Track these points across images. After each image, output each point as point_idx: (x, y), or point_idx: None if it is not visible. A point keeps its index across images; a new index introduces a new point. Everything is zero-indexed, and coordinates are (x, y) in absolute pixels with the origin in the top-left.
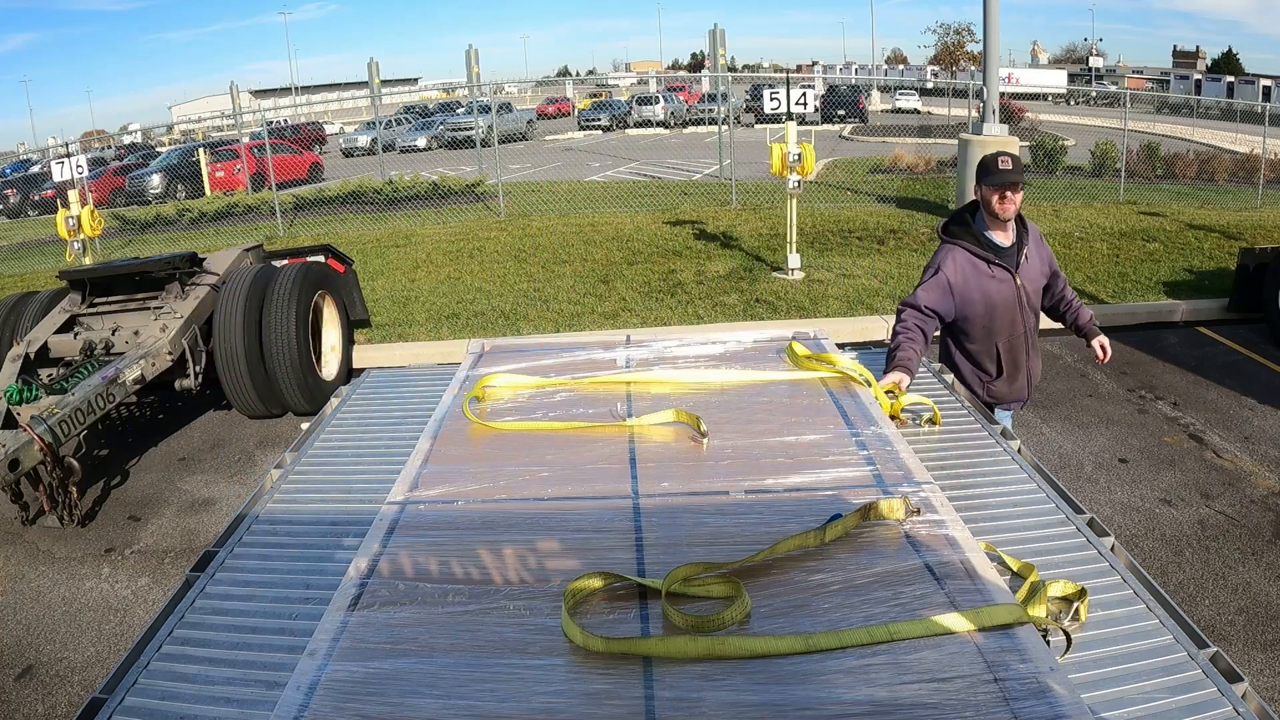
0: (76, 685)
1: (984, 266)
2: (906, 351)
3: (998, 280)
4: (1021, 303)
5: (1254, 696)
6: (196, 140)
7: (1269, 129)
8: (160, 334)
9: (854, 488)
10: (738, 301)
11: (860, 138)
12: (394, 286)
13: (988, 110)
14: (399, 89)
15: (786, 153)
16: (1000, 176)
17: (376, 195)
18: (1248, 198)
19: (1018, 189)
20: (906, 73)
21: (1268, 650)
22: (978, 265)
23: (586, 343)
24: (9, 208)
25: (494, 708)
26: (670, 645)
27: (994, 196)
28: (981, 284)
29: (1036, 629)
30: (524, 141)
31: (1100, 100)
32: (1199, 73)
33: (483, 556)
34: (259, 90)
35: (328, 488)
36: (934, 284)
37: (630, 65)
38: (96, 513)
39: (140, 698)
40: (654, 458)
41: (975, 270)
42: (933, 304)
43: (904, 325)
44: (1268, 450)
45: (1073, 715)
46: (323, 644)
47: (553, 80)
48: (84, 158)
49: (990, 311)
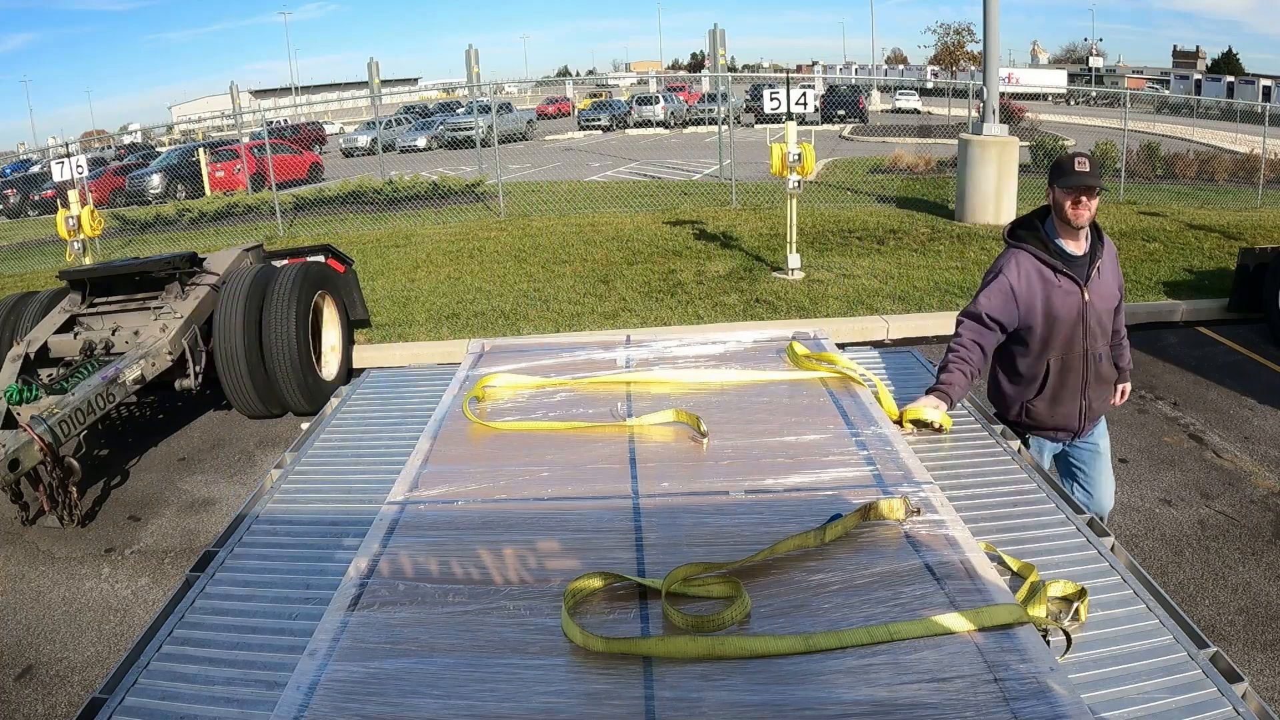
0: (76, 685)
1: (1050, 275)
2: (953, 374)
3: (1064, 291)
4: (1086, 319)
5: (1254, 696)
6: (196, 140)
7: (1269, 129)
8: (160, 334)
9: (854, 488)
10: (738, 301)
11: (860, 138)
12: (394, 286)
13: (988, 110)
14: (399, 89)
15: (786, 153)
16: (1076, 179)
17: (376, 195)
18: (1248, 198)
19: (1094, 193)
20: (906, 73)
21: (1268, 650)
22: (1044, 272)
23: (586, 343)
24: (9, 208)
25: (494, 708)
26: (670, 645)
27: (1067, 200)
28: (1047, 293)
29: (1036, 629)
30: (524, 141)
31: (1100, 100)
32: (1199, 73)
33: (483, 556)
34: (259, 90)
35: (328, 488)
36: (996, 289)
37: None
38: (96, 513)
39: (140, 698)
40: (654, 458)
41: (1041, 278)
42: (995, 311)
43: (958, 341)
44: (1268, 450)
45: (1073, 715)
46: (323, 644)
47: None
48: (84, 158)
49: (1050, 324)
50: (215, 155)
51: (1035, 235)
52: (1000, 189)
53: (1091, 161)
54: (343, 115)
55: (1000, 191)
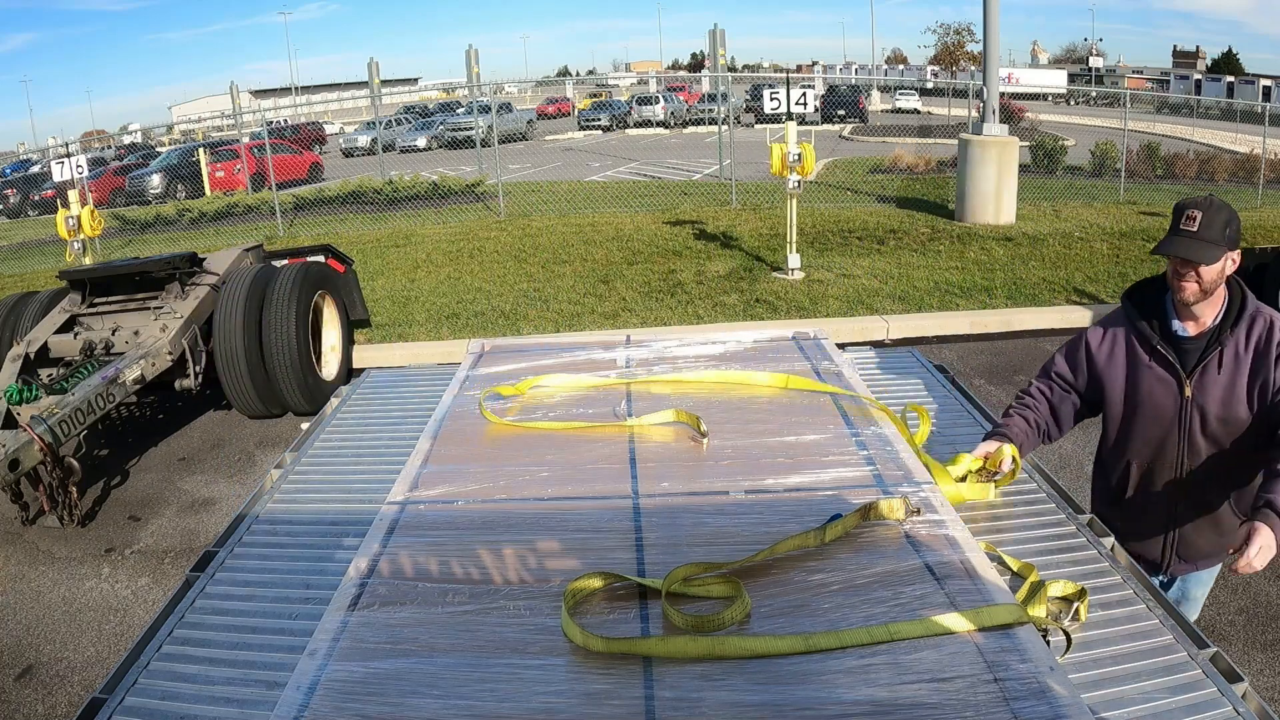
0: (76, 685)
1: (1142, 353)
2: (1012, 418)
3: (1155, 376)
4: (1184, 422)
5: (1254, 696)
6: (196, 140)
7: (1269, 129)
8: (160, 334)
9: (854, 488)
10: (738, 301)
11: (860, 138)
12: (394, 286)
13: (988, 110)
14: (399, 89)
15: (786, 153)
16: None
17: (376, 195)
18: (1248, 198)
19: (1196, 266)
20: (906, 73)
21: (1268, 650)
22: (1135, 347)
23: (586, 343)
24: (9, 208)
25: (494, 708)
26: (670, 645)
27: (1169, 268)
28: (1133, 371)
29: (1036, 629)
30: (524, 141)
31: (1100, 100)
32: (1199, 73)
33: (483, 556)
34: (259, 90)
35: (328, 488)
36: (1072, 344)
37: (630, 65)
38: (96, 513)
39: (140, 698)
40: (654, 458)
41: (1130, 352)
42: (1061, 367)
43: (1024, 390)
44: None
45: (1073, 715)
46: (323, 644)
47: (553, 80)
48: (84, 158)
49: (1133, 412)
50: (215, 155)
51: (1146, 299)
52: (1000, 189)
53: (1206, 216)
54: (343, 115)
55: (1000, 191)
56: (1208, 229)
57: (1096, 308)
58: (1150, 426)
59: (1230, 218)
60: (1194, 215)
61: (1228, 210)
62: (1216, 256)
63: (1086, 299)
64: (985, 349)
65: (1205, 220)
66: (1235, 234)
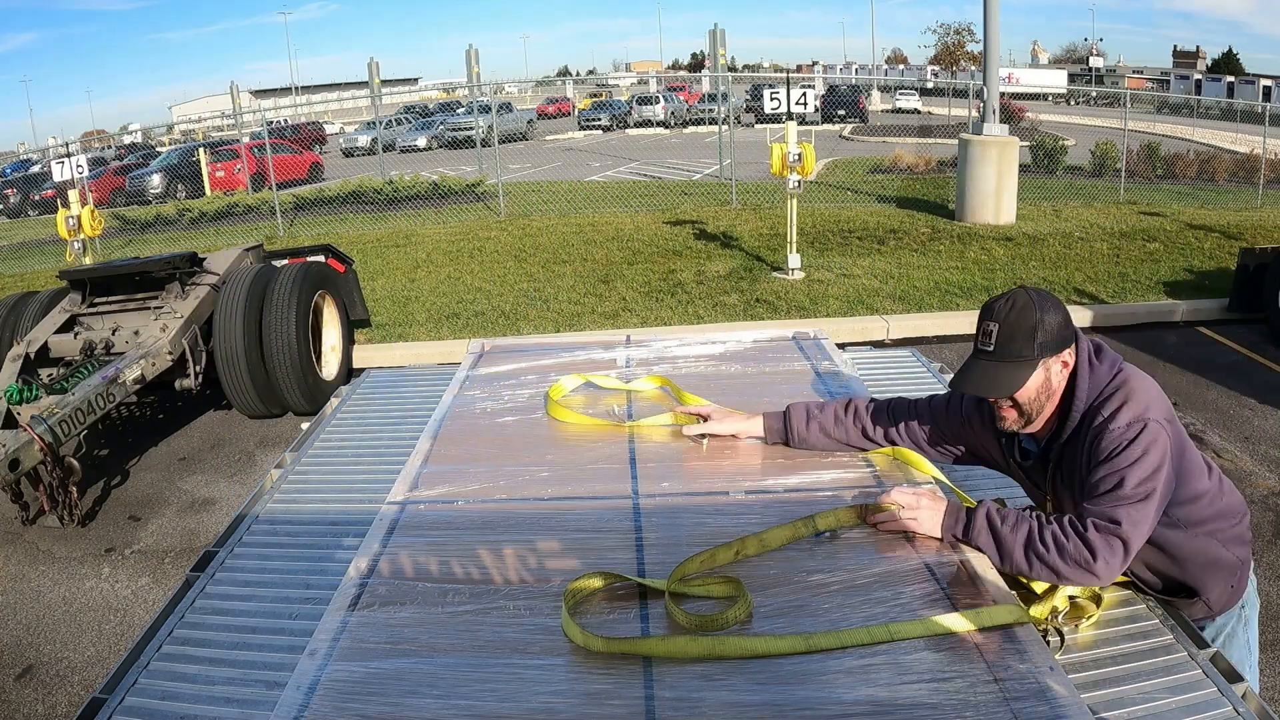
0: (76, 685)
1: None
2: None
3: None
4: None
5: (1254, 696)
6: (197, 140)
7: (1269, 129)
8: (160, 334)
9: (854, 488)
10: (738, 301)
11: (860, 138)
12: (394, 286)
13: (988, 110)
14: (399, 89)
15: (787, 153)
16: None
17: (376, 195)
18: (1248, 198)
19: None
20: (907, 73)
21: (1268, 650)
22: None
23: (586, 343)
24: (9, 208)
25: (494, 708)
26: (671, 645)
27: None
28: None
29: (1036, 629)
30: (524, 141)
31: (1100, 100)
32: (1199, 73)
33: (483, 556)
34: (259, 90)
35: (328, 488)
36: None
37: (630, 65)
38: (96, 513)
39: (140, 698)
40: (654, 458)
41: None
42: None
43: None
44: (1268, 450)
45: (1073, 715)
46: (323, 644)
47: (553, 80)
48: (84, 158)
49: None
50: (215, 155)
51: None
52: (1000, 189)
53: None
54: (343, 115)
55: (1000, 191)
56: (1007, 344)
57: (1097, 308)
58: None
59: (1039, 320)
60: (990, 330)
61: (1034, 309)
62: (1022, 380)
63: (1087, 299)
64: None
65: (1004, 334)
66: (1052, 338)
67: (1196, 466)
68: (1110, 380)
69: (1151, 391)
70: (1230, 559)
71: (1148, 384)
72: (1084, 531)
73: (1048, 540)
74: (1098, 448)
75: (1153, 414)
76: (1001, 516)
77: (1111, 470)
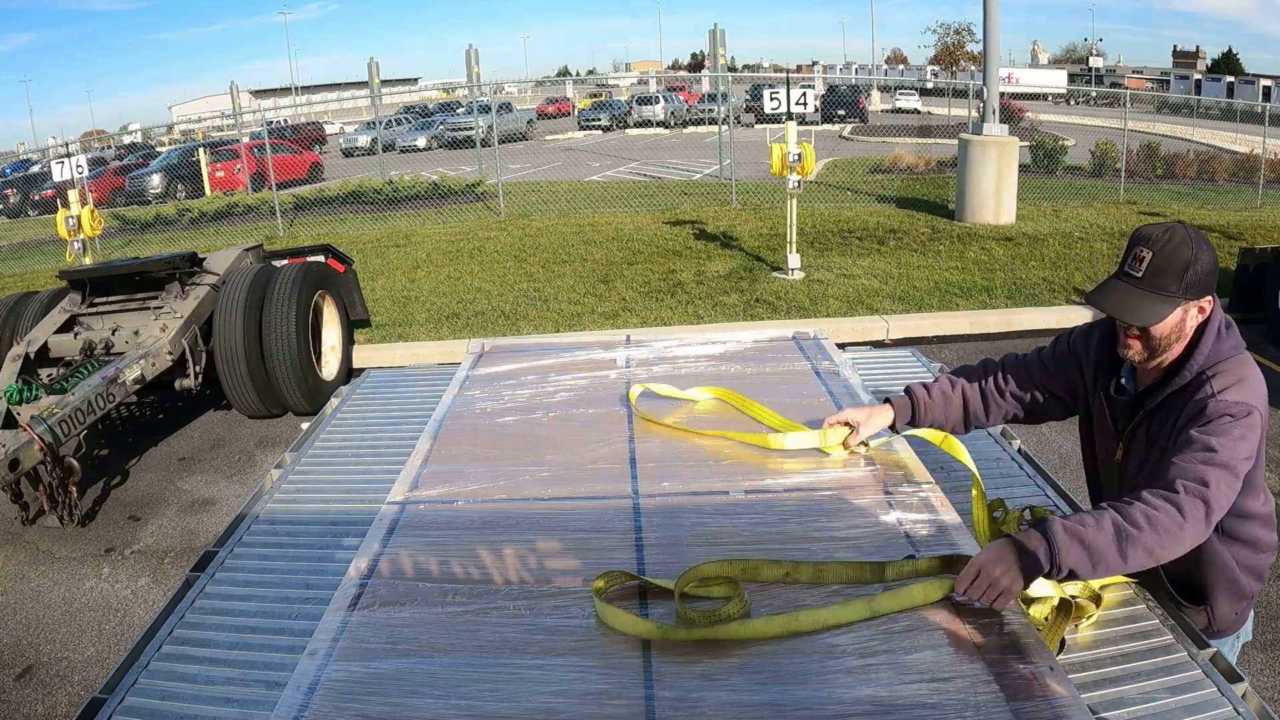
0: (76, 685)
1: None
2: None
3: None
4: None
5: (1254, 696)
6: (196, 140)
7: (1269, 129)
8: (160, 334)
9: (854, 488)
10: (738, 301)
11: (860, 138)
12: (394, 286)
13: (988, 110)
14: (399, 89)
15: (786, 153)
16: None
17: (376, 195)
18: (1248, 198)
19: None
20: (906, 73)
21: (1268, 650)
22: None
23: (586, 343)
24: (9, 208)
25: (494, 708)
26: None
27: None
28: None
29: (1036, 629)
30: (524, 141)
31: (1100, 100)
32: (1199, 73)
33: (483, 556)
34: (259, 90)
35: (328, 488)
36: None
37: (630, 65)
38: (96, 513)
39: (140, 698)
40: (654, 458)
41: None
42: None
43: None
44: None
45: (1073, 715)
46: (323, 644)
47: (553, 80)
48: (84, 158)
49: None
50: (215, 155)
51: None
52: (1000, 189)
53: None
54: (343, 115)
55: (1000, 191)
56: (1157, 275)
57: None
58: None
59: (1194, 258)
60: (1142, 256)
61: (1192, 246)
62: (1163, 315)
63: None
64: (985, 349)
65: (1155, 264)
66: (1200, 278)
67: (1258, 486)
68: (1232, 356)
69: (1262, 390)
70: (1244, 586)
71: (1262, 381)
72: (1173, 494)
73: (1138, 520)
74: (1202, 413)
75: (1259, 406)
76: (1079, 522)
77: (1210, 435)
